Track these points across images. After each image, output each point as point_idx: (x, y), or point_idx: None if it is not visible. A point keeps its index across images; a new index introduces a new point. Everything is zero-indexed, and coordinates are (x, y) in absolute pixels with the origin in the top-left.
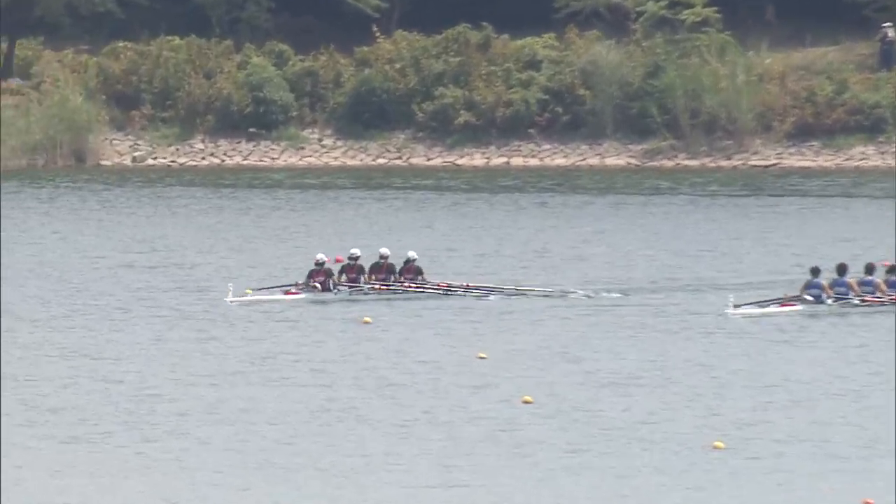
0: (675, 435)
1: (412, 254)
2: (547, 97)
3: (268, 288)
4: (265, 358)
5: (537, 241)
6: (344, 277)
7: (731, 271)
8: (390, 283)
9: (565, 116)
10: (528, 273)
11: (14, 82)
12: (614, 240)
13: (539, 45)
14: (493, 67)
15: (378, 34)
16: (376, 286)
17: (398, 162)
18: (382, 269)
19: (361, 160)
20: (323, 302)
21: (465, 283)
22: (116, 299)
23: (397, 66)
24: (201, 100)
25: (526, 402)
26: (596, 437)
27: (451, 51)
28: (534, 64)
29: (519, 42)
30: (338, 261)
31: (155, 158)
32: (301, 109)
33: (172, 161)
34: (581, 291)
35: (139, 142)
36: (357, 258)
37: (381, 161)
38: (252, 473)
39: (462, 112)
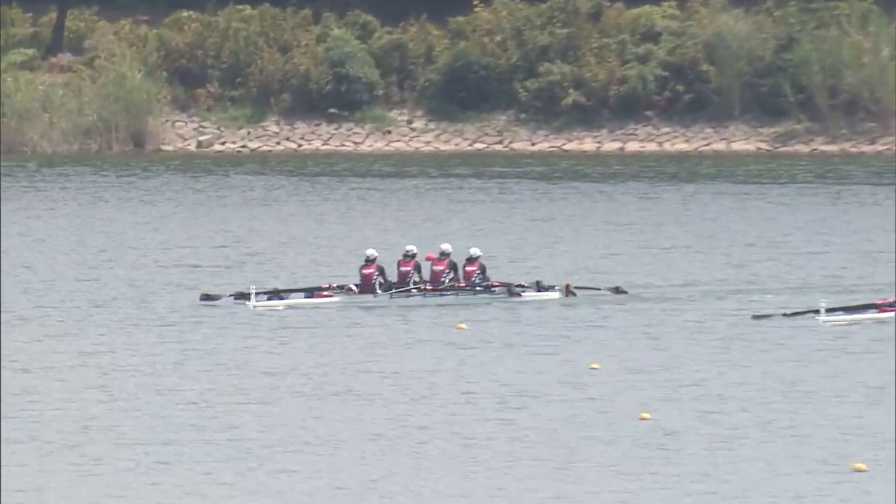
0: (813, 451)
1: (475, 250)
2: (666, 74)
3: (288, 290)
4: (355, 373)
5: (653, 236)
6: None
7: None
8: (441, 286)
9: (687, 95)
10: (630, 274)
11: (64, 57)
12: (740, 235)
13: (658, 14)
14: (605, 40)
15: (475, 2)
16: (422, 287)
17: (498, 147)
18: (443, 265)
19: (456, 145)
20: (368, 306)
21: (525, 283)
22: (170, 306)
23: (497, 38)
24: (275, 77)
25: (643, 419)
26: (728, 456)
27: (557, 21)
28: (651, 36)
29: (635, 11)
30: (428, 258)
31: (222, 143)
32: (388, 88)
33: (242, 146)
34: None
35: (205, 124)
36: (413, 255)
37: (478, 146)
38: None
39: (570, 91)
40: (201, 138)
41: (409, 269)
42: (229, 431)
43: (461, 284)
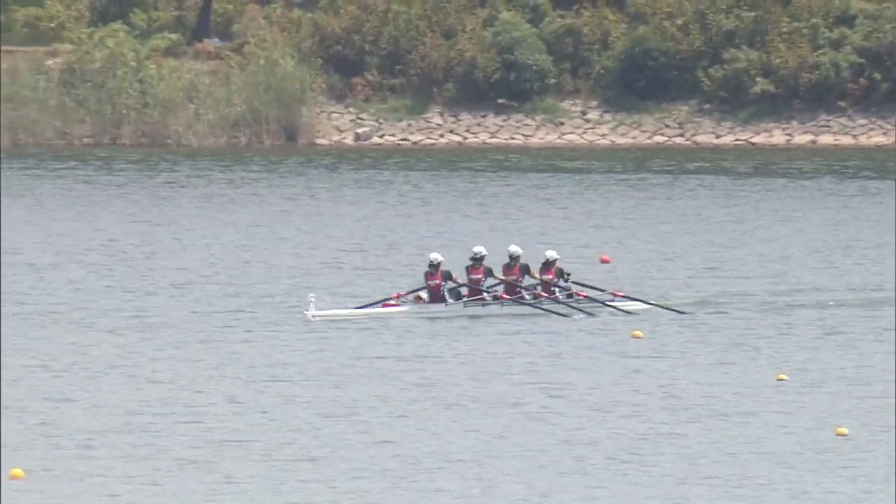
0: None
1: (551, 253)
2: (862, 60)
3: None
4: (518, 384)
5: (838, 237)
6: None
7: None
8: (517, 292)
9: (885, 84)
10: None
11: (212, 43)
12: None
13: None
14: (795, 24)
15: None
16: (499, 294)
17: (679, 140)
18: (513, 271)
19: (634, 138)
20: (441, 316)
21: (612, 292)
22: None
23: (678, 22)
24: (438, 64)
25: (840, 435)
26: None
27: (744, 3)
28: (846, 19)
29: None
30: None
31: (381, 136)
32: (560, 76)
33: (403, 139)
34: None
35: (362, 115)
36: (482, 257)
37: (657, 139)
38: None
39: (758, 79)
40: (358, 131)
41: (478, 275)
42: (381, 446)
43: (541, 294)
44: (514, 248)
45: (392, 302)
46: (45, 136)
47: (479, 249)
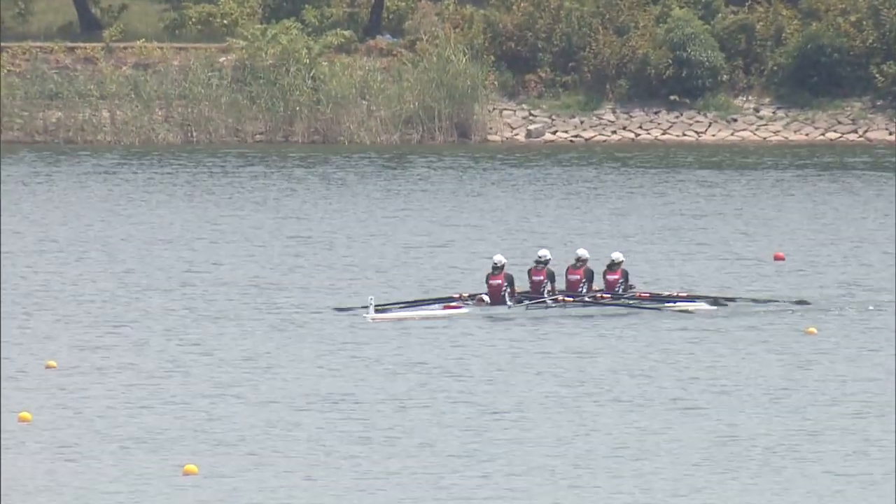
0: None
1: (617, 255)
2: None
3: (415, 301)
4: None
5: None
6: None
7: None
8: (578, 295)
9: None
10: None
11: (384, 40)
12: None
13: None
14: None
15: None
16: (559, 298)
17: (852, 136)
18: (579, 274)
19: (807, 135)
20: (494, 318)
21: (675, 292)
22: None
23: (852, 18)
24: (611, 61)
25: None
26: None
27: None
28: None
29: None
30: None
31: (554, 132)
32: (733, 73)
33: (576, 136)
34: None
35: (535, 112)
36: (547, 261)
37: (830, 135)
38: None
39: None
40: (531, 127)
41: (541, 278)
42: (549, 443)
43: (603, 295)
44: (544, 252)
45: (454, 304)
46: (218, 134)
47: (545, 253)
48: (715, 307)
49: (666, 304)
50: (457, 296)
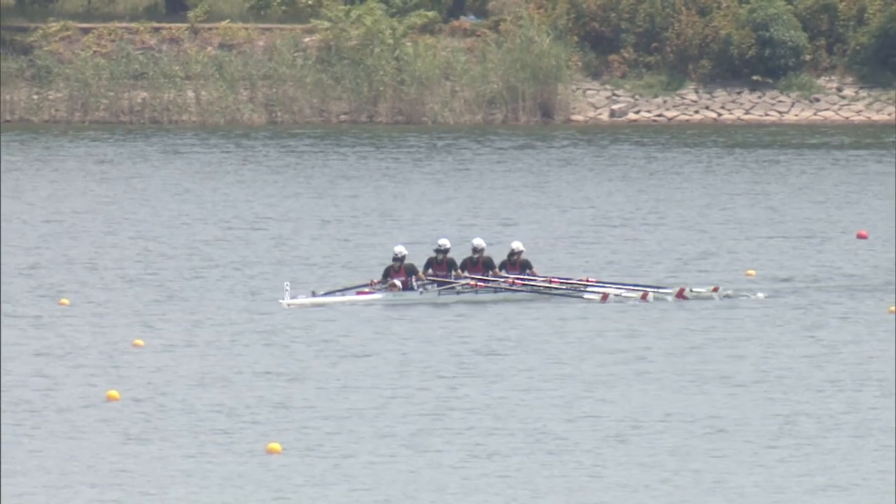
0: None
1: (517, 245)
2: None
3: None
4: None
5: None
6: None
7: None
8: (489, 280)
9: None
10: None
11: (468, 21)
12: None
13: None
14: None
15: None
16: (471, 282)
17: None
18: (478, 265)
19: (889, 114)
20: (415, 303)
21: (585, 279)
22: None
23: None
24: (694, 41)
25: None
26: None
27: None
28: None
29: None
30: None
31: (637, 112)
32: (816, 52)
33: (658, 115)
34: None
35: (618, 92)
36: (447, 250)
37: None
38: None
39: None
40: (614, 107)
41: (441, 269)
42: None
43: (516, 280)
44: (478, 241)
45: (366, 290)
46: (303, 114)
47: (444, 242)
48: (618, 296)
49: (576, 291)
50: (368, 282)
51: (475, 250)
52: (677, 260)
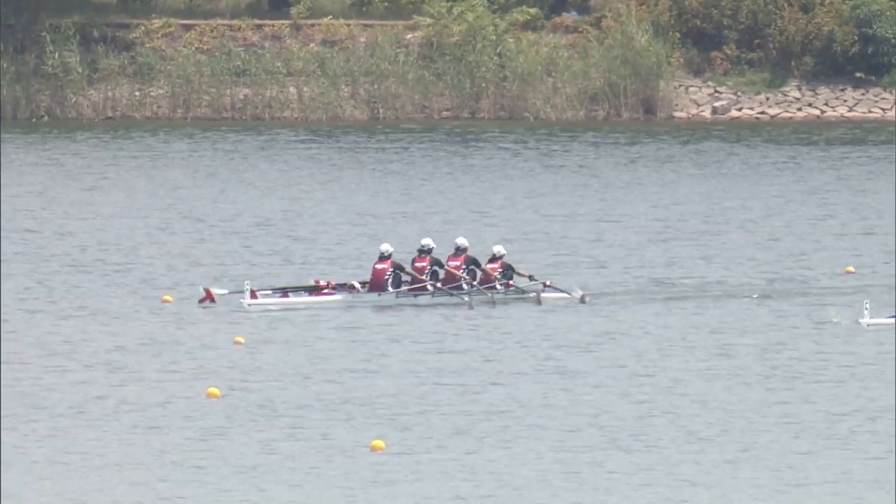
0: None
1: (498, 248)
2: None
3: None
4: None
5: None
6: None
7: None
8: (456, 286)
9: None
10: None
11: (570, 17)
12: None
13: None
14: None
15: None
16: (434, 285)
17: None
18: (459, 261)
19: None
20: (379, 306)
21: (548, 282)
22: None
23: None
24: (797, 38)
25: None
26: None
27: None
28: None
29: None
30: None
31: (739, 109)
32: None
33: (761, 113)
34: None
35: (720, 89)
36: (430, 250)
37: None
38: None
39: None
40: (716, 104)
41: (423, 264)
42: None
43: (489, 279)
44: (461, 240)
45: (325, 291)
46: (405, 111)
47: (427, 242)
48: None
49: (532, 294)
50: (325, 283)
51: (458, 248)
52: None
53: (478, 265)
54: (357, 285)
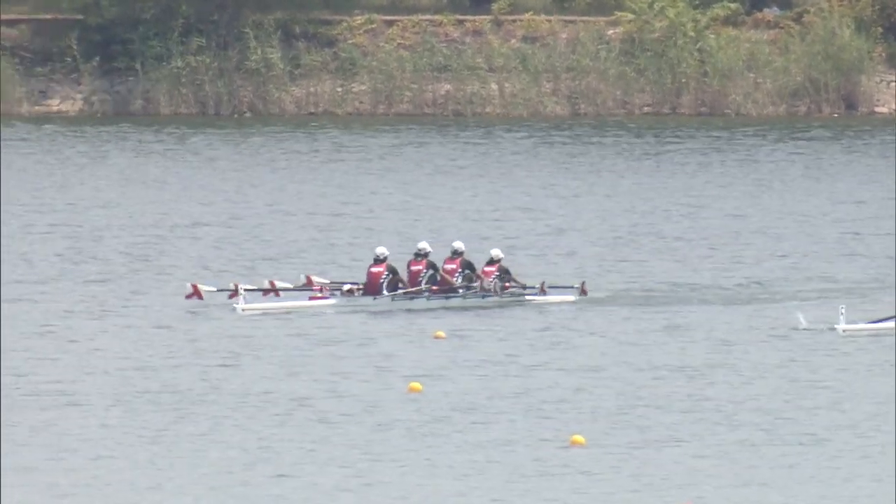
0: None
1: (496, 252)
2: None
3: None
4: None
5: None
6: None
7: None
8: (452, 289)
9: None
10: None
11: (771, 13)
12: None
13: None
14: None
15: None
16: (429, 289)
17: None
18: (456, 264)
19: None
20: (375, 310)
21: (541, 284)
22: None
23: None
24: None
25: None
26: None
27: None
28: None
29: None
30: None
31: None
32: None
33: None
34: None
35: None
36: (426, 253)
37: None
38: None
39: None
40: None
41: (420, 268)
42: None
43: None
44: (458, 244)
45: (318, 294)
46: (606, 106)
47: (423, 245)
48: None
49: (529, 298)
50: (318, 287)
51: (454, 252)
52: None
53: (473, 269)
54: (355, 290)
